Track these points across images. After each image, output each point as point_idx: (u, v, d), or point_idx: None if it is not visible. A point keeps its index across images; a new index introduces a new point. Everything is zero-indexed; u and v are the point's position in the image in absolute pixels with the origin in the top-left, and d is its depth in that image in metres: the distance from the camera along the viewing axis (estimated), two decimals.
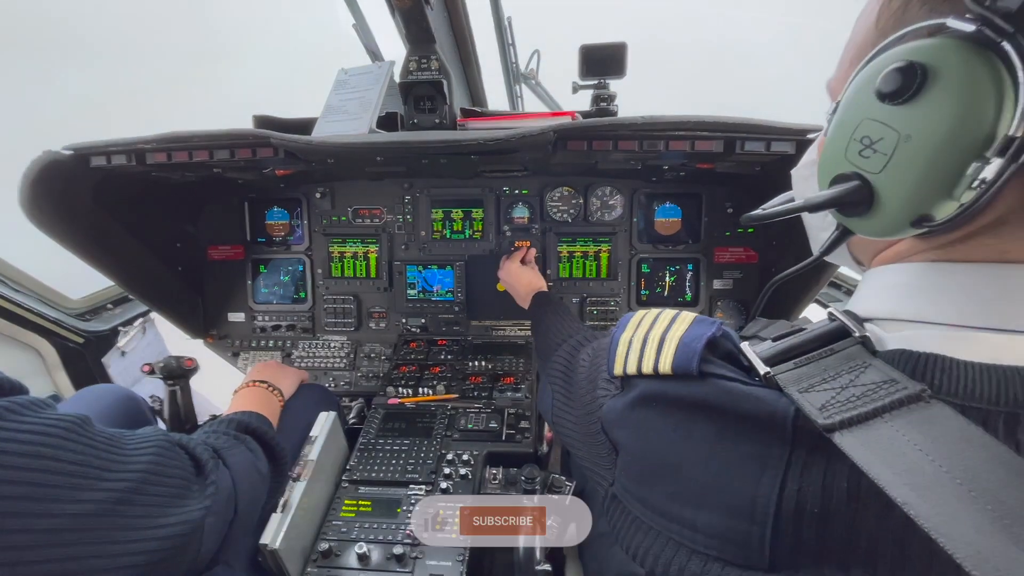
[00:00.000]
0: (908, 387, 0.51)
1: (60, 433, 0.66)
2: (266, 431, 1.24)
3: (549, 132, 1.53)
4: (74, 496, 0.64)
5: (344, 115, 1.84)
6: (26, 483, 0.60)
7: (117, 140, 1.66)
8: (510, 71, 2.91)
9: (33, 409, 0.67)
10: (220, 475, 0.93)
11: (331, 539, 1.39)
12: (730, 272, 2.22)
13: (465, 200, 2.29)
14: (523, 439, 1.74)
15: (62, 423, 0.67)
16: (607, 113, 2.04)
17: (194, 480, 0.86)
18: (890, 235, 0.59)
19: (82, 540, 0.64)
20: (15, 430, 0.62)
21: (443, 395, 1.93)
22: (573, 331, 1.40)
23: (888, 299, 0.63)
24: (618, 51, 1.95)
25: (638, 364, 0.73)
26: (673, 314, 0.77)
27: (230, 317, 2.40)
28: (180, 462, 0.85)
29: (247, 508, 1.03)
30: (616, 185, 2.22)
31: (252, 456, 1.13)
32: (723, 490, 0.60)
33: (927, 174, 0.52)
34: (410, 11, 1.71)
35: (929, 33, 0.52)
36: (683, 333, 0.71)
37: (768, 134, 1.50)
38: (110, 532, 0.68)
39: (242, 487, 1.00)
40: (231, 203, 2.34)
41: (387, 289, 2.35)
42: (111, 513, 0.68)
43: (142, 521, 0.72)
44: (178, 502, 0.80)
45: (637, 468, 0.73)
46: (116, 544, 0.68)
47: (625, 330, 0.80)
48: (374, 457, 1.65)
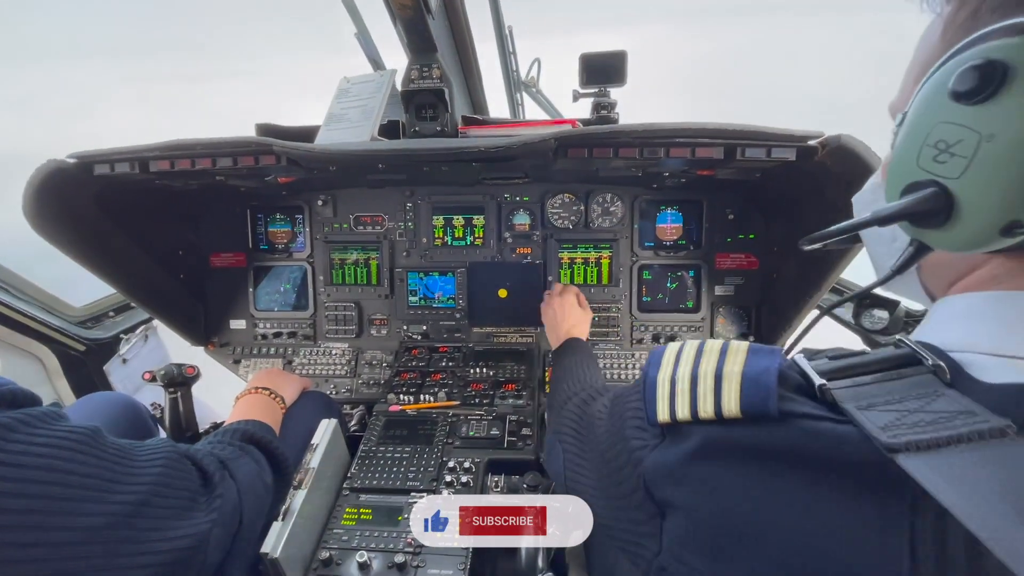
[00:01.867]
0: (990, 421, 0.46)
1: (72, 446, 0.67)
2: (270, 441, 1.23)
3: (550, 140, 1.54)
4: (85, 509, 0.65)
5: (346, 123, 1.85)
6: (40, 496, 0.61)
7: (121, 148, 1.67)
8: (511, 79, 2.93)
9: (46, 421, 0.67)
10: (226, 487, 0.94)
11: (332, 547, 1.38)
12: (731, 278, 2.22)
13: (466, 207, 2.29)
14: (525, 446, 1.73)
15: (74, 435, 0.68)
16: (608, 121, 2.05)
17: (201, 492, 0.86)
18: (977, 247, 0.53)
19: (93, 553, 0.65)
20: (28, 443, 0.62)
21: (444, 402, 1.92)
22: (591, 381, 1.31)
23: (978, 330, 0.56)
24: (618, 59, 1.96)
25: (691, 407, 0.62)
26: (720, 345, 0.66)
27: (231, 324, 2.40)
28: (188, 474, 0.85)
29: (251, 519, 1.03)
30: (617, 192, 2.23)
31: (257, 467, 1.12)
32: (830, 560, 0.50)
33: (1018, 173, 0.47)
34: (412, 20, 1.72)
35: (1004, 34, 0.48)
36: (743, 366, 0.60)
37: (769, 140, 1.51)
38: (120, 544, 0.68)
39: (247, 498, 1.00)
40: (233, 211, 2.35)
41: (388, 296, 2.35)
42: (121, 525, 0.68)
43: (151, 534, 0.73)
44: (185, 514, 0.81)
45: (704, 537, 0.60)
46: (125, 556, 0.69)
47: (662, 367, 0.69)
48: (375, 465, 1.65)
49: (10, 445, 0.60)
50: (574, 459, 1.00)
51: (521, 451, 1.72)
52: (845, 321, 2.14)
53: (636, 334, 2.27)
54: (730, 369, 0.61)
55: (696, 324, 2.24)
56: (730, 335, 2.22)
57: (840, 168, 1.45)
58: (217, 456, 1.00)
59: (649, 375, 0.70)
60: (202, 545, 0.83)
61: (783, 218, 2.05)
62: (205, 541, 0.83)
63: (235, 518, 0.95)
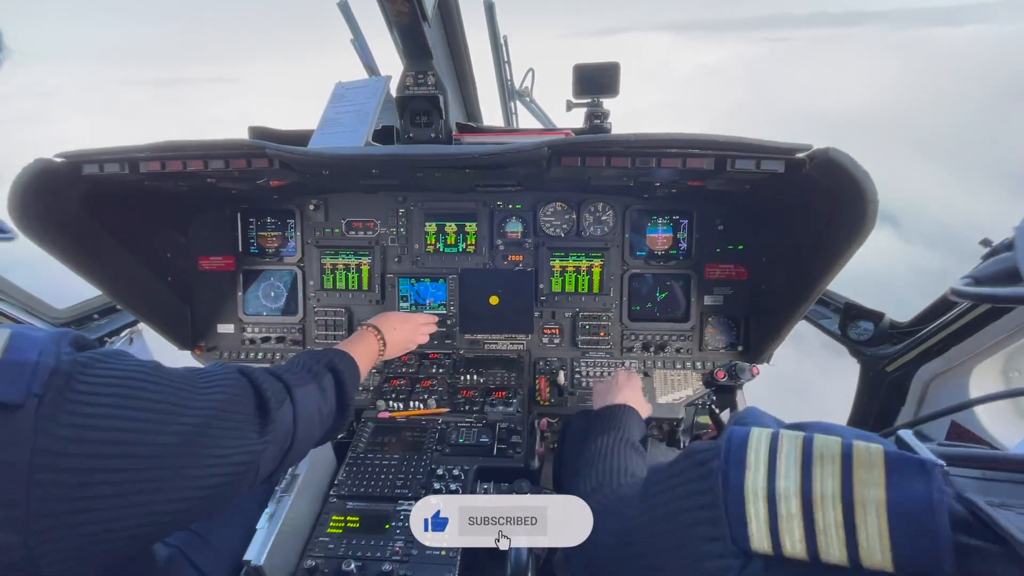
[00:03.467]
0: None
1: (143, 376, 0.76)
2: (346, 379, 1.25)
3: (544, 147, 1.55)
4: (159, 429, 0.74)
5: (340, 128, 1.85)
6: (123, 418, 0.70)
7: (110, 148, 1.65)
8: (505, 88, 2.95)
9: (117, 357, 0.76)
10: (283, 413, 1.00)
11: (317, 556, 1.35)
12: (720, 289, 2.24)
13: (459, 214, 2.30)
14: (515, 454, 1.72)
15: (142, 368, 0.77)
16: (600, 130, 2.07)
17: (255, 418, 0.92)
18: None
19: (165, 466, 0.73)
20: (105, 375, 0.70)
21: (434, 409, 1.91)
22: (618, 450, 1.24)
23: None
24: (611, 70, 1.99)
25: (807, 544, 0.46)
26: (839, 446, 0.48)
27: (219, 328, 2.37)
28: (245, 400, 0.92)
29: (302, 442, 1.07)
30: (609, 201, 2.24)
31: (320, 396, 1.16)
32: None
33: None
34: (408, 27, 1.73)
35: None
36: (887, 493, 0.44)
37: (758, 152, 1.53)
38: (188, 460, 0.77)
39: (301, 424, 1.05)
40: (223, 214, 2.33)
41: (379, 302, 2.34)
42: (188, 444, 0.77)
43: (212, 450, 0.81)
44: (241, 436, 0.88)
45: None
46: (192, 470, 0.77)
47: (748, 469, 0.51)
48: (363, 472, 1.63)
49: (89, 378, 0.68)
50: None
51: (511, 458, 1.71)
52: (832, 332, 2.17)
53: (626, 342, 2.28)
54: (865, 495, 0.45)
55: (686, 333, 2.26)
56: (719, 345, 2.24)
57: (828, 181, 1.48)
58: (284, 380, 1.06)
59: (732, 480, 0.51)
60: (256, 461, 0.91)
61: (772, 229, 2.08)
62: (257, 461, 0.91)
63: (287, 439, 1.02)
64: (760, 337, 2.13)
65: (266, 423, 0.93)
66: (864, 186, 1.37)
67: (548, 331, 2.31)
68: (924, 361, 1.85)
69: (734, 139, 1.52)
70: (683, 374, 2.25)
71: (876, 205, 1.39)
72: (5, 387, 0.61)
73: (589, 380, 2.25)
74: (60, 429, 0.63)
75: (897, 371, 1.94)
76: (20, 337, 0.66)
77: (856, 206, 1.41)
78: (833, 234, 1.54)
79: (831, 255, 1.56)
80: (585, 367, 2.27)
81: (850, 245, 1.48)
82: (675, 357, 2.26)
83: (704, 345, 2.25)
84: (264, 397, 0.94)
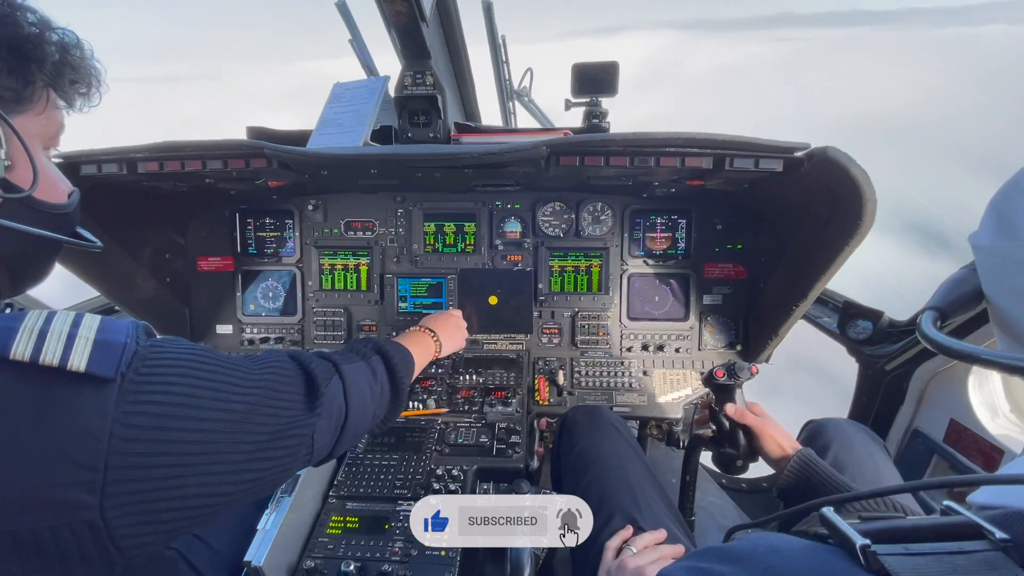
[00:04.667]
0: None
1: (198, 356, 0.81)
2: (396, 362, 1.26)
3: (542, 147, 1.55)
4: (219, 406, 0.79)
5: (338, 128, 1.85)
6: (185, 394, 0.75)
7: (108, 148, 1.65)
8: (504, 88, 2.95)
9: (172, 341, 0.82)
10: (332, 387, 1.03)
11: (317, 556, 1.36)
12: (719, 288, 2.24)
13: (458, 214, 2.30)
14: (514, 454, 1.73)
15: (196, 350, 0.83)
16: (599, 130, 2.07)
17: (305, 397, 0.96)
18: None
19: (223, 440, 0.79)
20: (163, 356, 0.76)
21: (433, 409, 1.91)
22: None
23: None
24: (610, 70, 1.99)
25: None
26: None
27: (218, 329, 2.37)
28: (294, 382, 0.95)
29: (356, 418, 1.09)
30: (607, 201, 2.25)
31: (370, 375, 1.17)
32: None
33: None
34: (406, 27, 1.73)
35: None
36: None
37: (757, 151, 1.53)
38: (242, 436, 0.82)
39: (353, 398, 1.07)
40: (222, 214, 2.33)
41: (378, 302, 2.34)
42: (242, 421, 0.82)
43: (263, 427, 0.85)
44: (290, 413, 0.92)
45: None
46: (245, 446, 0.82)
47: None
48: (362, 472, 1.63)
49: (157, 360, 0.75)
50: None
51: (510, 459, 1.71)
52: (830, 331, 2.17)
53: (625, 342, 2.28)
54: None
55: (685, 333, 2.26)
56: (718, 344, 2.24)
57: (826, 180, 1.48)
58: (332, 359, 1.09)
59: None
60: (307, 438, 0.95)
61: (771, 229, 2.08)
62: (311, 436, 0.95)
63: (340, 415, 1.05)
64: (759, 336, 2.13)
65: (316, 398, 0.97)
66: (862, 185, 1.38)
67: (547, 331, 2.31)
68: (923, 360, 1.86)
69: (732, 138, 1.52)
70: (682, 373, 2.25)
71: (874, 204, 1.39)
72: (101, 363, 0.68)
73: (589, 380, 2.25)
74: (136, 406, 0.70)
75: (896, 370, 1.94)
76: (110, 321, 0.74)
77: (854, 205, 1.41)
78: (832, 233, 1.55)
79: (830, 254, 1.56)
80: (584, 367, 2.27)
81: (848, 244, 1.48)
82: (674, 357, 2.26)
83: (703, 344, 2.25)
84: (312, 375, 0.98)
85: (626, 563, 1.14)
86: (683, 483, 1.76)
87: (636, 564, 1.12)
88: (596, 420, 1.75)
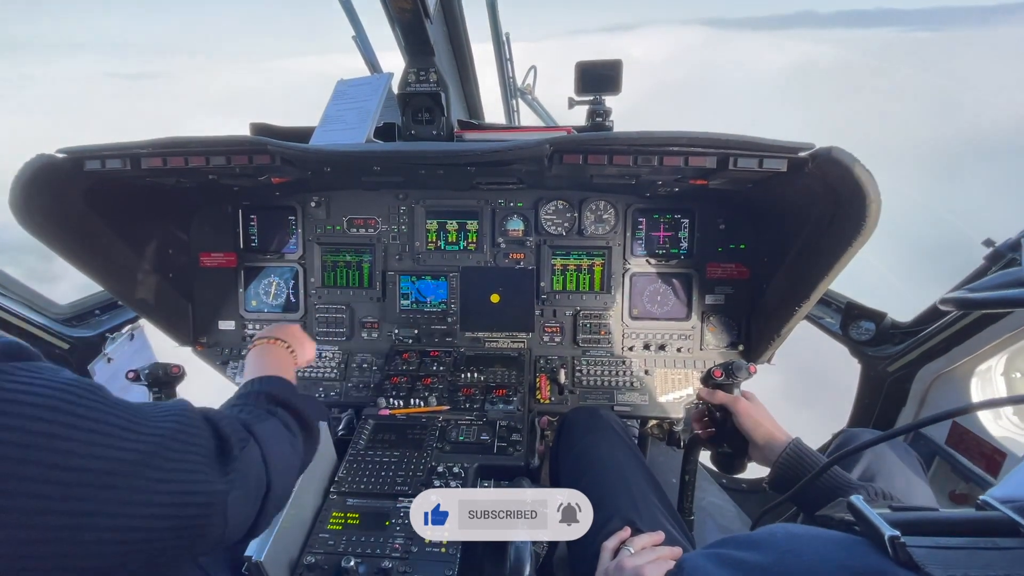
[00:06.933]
0: None
1: (80, 391, 0.68)
2: (296, 403, 1.16)
3: (545, 145, 1.55)
4: (90, 452, 0.66)
5: (342, 125, 1.85)
6: (41, 434, 0.62)
7: (112, 144, 1.66)
8: (507, 86, 2.95)
9: (51, 370, 0.69)
10: (248, 454, 0.91)
11: (317, 552, 1.36)
12: (722, 288, 2.23)
13: (460, 212, 2.29)
14: (515, 452, 1.73)
15: (80, 384, 0.70)
16: (602, 128, 2.07)
17: (216, 456, 0.85)
18: None
19: (96, 497, 0.66)
20: (30, 382, 0.64)
21: (434, 407, 1.91)
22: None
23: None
24: (614, 68, 1.99)
25: None
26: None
27: (220, 325, 2.38)
28: (201, 436, 0.84)
29: (281, 482, 0.99)
30: (610, 200, 2.24)
31: (287, 432, 1.08)
32: None
33: None
34: (410, 24, 1.73)
35: None
36: None
37: (761, 151, 1.53)
38: (130, 491, 0.69)
39: (274, 463, 0.97)
40: (225, 210, 2.33)
41: (380, 299, 2.34)
42: (130, 473, 0.69)
43: (160, 485, 0.73)
44: (198, 472, 0.80)
45: None
46: (135, 504, 0.70)
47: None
48: (363, 469, 1.63)
49: (8, 385, 0.62)
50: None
51: (511, 457, 1.71)
52: (833, 331, 2.17)
53: (627, 341, 2.28)
54: None
55: (687, 332, 2.25)
56: (720, 344, 2.24)
57: (830, 180, 1.47)
58: (241, 420, 0.98)
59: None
60: (218, 507, 0.82)
61: (774, 229, 2.08)
62: (222, 504, 0.82)
63: (261, 483, 0.94)
64: (761, 337, 2.12)
65: (227, 461, 0.86)
66: (866, 185, 1.37)
67: (549, 329, 2.31)
68: (925, 361, 1.85)
69: (736, 137, 1.52)
70: (684, 373, 2.25)
71: (879, 204, 1.39)
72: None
73: (590, 379, 2.25)
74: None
75: (898, 371, 1.93)
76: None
77: (858, 206, 1.40)
78: (835, 234, 1.54)
79: (833, 255, 1.55)
80: (586, 366, 2.27)
81: (852, 245, 1.48)
82: (676, 356, 2.26)
83: (704, 344, 2.25)
84: (223, 435, 0.88)
85: (624, 563, 1.15)
86: (682, 483, 1.76)
87: (634, 564, 1.13)
88: (595, 421, 1.76)
